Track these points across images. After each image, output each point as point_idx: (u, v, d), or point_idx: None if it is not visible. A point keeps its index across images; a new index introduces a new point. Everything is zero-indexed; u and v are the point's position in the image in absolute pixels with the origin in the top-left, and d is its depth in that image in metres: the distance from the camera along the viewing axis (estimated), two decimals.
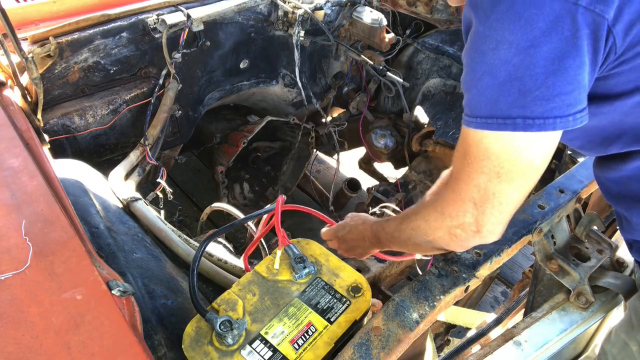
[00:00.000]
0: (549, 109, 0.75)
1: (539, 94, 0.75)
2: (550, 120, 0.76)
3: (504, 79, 0.76)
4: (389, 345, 0.90)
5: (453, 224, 0.91)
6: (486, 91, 0.78)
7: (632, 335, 1.02)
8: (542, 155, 0.81)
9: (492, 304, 2.66)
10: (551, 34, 0.72)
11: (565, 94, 0.75)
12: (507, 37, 0.74)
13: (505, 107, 0.77)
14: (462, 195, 0.87)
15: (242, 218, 1.21)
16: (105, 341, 0.76)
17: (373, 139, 2.67)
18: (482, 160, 0.82)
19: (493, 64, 0.76)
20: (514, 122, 0.76)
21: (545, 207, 1.19)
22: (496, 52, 0.76)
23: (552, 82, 0.74)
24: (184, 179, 3.21)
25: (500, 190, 0.83)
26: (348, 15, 2.51)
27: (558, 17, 0.72)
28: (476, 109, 0.80)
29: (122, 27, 1.96)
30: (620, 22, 0.73)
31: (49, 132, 1.79)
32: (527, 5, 0.72)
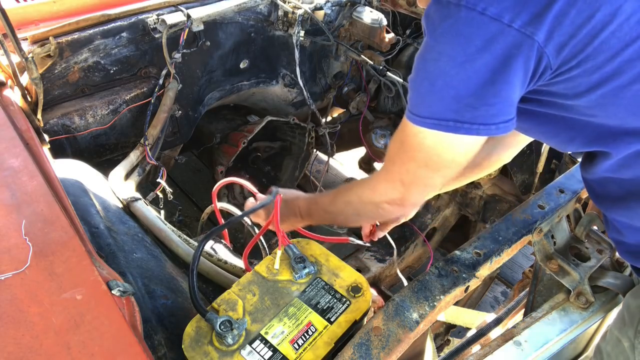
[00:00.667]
0: (475, 117, 0.85)
1: (468, 103, 0.84)
2: (475, 126, 0.86)
3: (440, 87, 0.85)
4: (389, 345, 0.90)
5: (382, 199, 1.05)
6: (425, 95, 0.89)
7: (624, 332, 1.04)
8: (466, 154, 0.93)
9: (492, 304, 2.67)
10: (484, 51, 0.80)
11: (490, 106, 0.84)
12: (447, 50, 0.84)
13: (440, 110, 0.87)
14: (394, 175, 1.02)
15: (238, 215, 1.21)
16: (105, 341, 0.76)
17: (373, 139, 2.67)
18: (416, 151, 0.94)
19: (433, 72, 0.86)
20: (447, 124, 0.87)
21: (545, 207, 1.19)
22: (437, 62, 0.85)
23: (481, 94, 0.83)
24: (184, 179, 3.21)
25: (427, 176, 0.98)
26: (348, 15, 2.51)
27: (493, 37, 0.80)
28: (416, 108, 0.90)
29: (122, 27, 1.96)
30: (551, 42, 0.79)
31: (49, 132, 1.79)
32: (467, 24, 0.81)
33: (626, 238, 1.00)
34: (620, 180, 0.95)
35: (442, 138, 0.89)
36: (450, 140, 0.89)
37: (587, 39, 0.79)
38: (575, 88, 0.86)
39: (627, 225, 0.98)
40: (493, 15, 0.78)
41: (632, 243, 1.00)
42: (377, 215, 1.13)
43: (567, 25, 0.78)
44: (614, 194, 0.98)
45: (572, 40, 0.79)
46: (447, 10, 0.82)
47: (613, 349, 1.08)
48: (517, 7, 0.78)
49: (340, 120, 2.94)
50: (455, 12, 0.81)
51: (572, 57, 0.81)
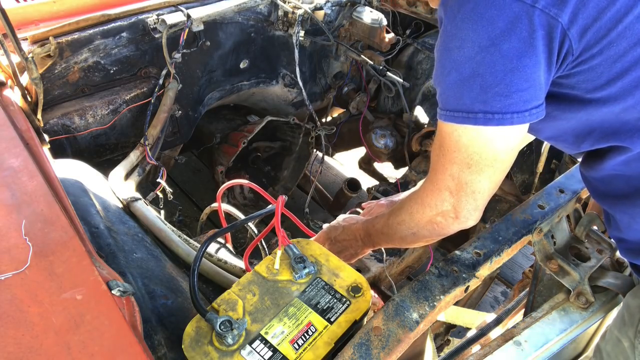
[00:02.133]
0: (507, 105, 0.81)
1: (498, 90, 0.80)
2: (508, 115, 0.81)
3: (468, 75, 0.81)
4: (389, 345, 0.90)
5: (433, 212, 0.99)
6: (453, 86, 0.85)
7: (624, 332, 1.04)
8: (507, 148, 0.88)
9: (492, 304, 2.66)
10: (510, 33, 0.77)
11: (522, 91, 0.80)
12: (470, 35, 0.80)
13: (468, 101, 0.83)
14: (439, 184, 0.95)
15: (243, 219, 1.21)
16: (105, 341, 0.76)
17: (373, 139, 2.67)
18: (454, 151, 0.90)
19: (458, 60, 0.82)
20: (476, 117, 0.83)
21: (545, 207, 1.19)
22: (461, 49, 0.81)
23: (510, 80, 0.79)
24: (184, 179, 3.21)
25: (472, 179, 0.91)
26: (348, 15, 2.51)
27: (516, 18, 0.77)
28: (445, 102, 0.86)
29: (122, 27, 1.96)
30: (574, 25, 0.77)
31: (49, 132, 1.79)
32: (489, 6, 0.78)
33: (627, 236, 1.00)
34: (628, 177, 0.93)
35: (477, 133, 0.85)
36: (486, 135, 0.85)
37: (611, 23, 0.77)
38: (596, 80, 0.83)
39: (628, 223, 0.98)
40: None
41: (633, 240, 1.00)
42: (433, 231, 1.03)
43: (592, 7, 0.76)
44: (619, 191, 0.96)
45: (596, 23, 0.77)
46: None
47: (613, 348, 1.08)
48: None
49: (340, 120, 2.94)
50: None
51: (595, 43, 0.79)
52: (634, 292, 1.06)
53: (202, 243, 1.03)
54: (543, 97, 0.84)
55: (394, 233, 1.10)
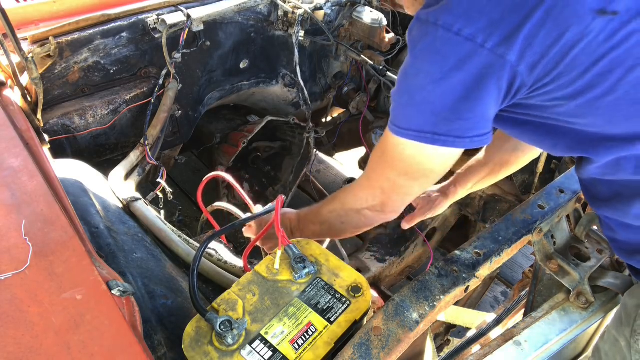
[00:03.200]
0: (451, 130, 0.90)
1: (445, 117, 0.89)
2: (451, 139, 0.91)
3: (419, 101, 0.91)
4: (389, 345, 0.90)
5: (363, 206, 1.10)
6: (405, 108, 0.94)
7: (621, 331, 1.05)
8: (443, 164, 0.99)
9: (492, 304, 2.67)
10: (460, 69, 0.85)
11: (465, 120, 0.89)
12: (425, 67, 0.89)
13: (418, 123, 0.92)
14: (374, 183, 1.07)
15: (243, 219, 1.21)
16: (105, 341, 0.76)
17: (373, 139, 2.67)
18: (396, 160, 0.99)
19: (413, 87, 0.91)
20: (425, 136, 0.91)
21: (545, 207, 1.19)
22: (416, 78, 0.90)
23: (456, 109, 0.88)
24: (184, 179, 3.21)
25: (406, 184, 1.03)
26: (348, 15, 2.51)
27: (467, 56, 0.84)
28: (397, 119, 0.95)
29: (122, 27, 1.96)
30: (523, 62, 0.83)
31: (49, 132, 1.79)
32: (444, 43, 0.85)
33: (618, 235, 1.02)
34: (608, 181, 0.98)
35: (421, 149, 0.94)
36: (428, 152, 0.94)
37: (558, 57, 0.83)
38: (553, 100, 0.90)
39: (618, 223, 1.01)
40: (467, 36, 0.83)
41: (624, 240, 1.02)
42: (359, 222, 1.15)
43: (537, 45, 0.82)
44: (603, 194, 1.01)
45: (544, 59, 0.83)
46: (426, 29, 0.88)
47: (610, 348, 1.09)
48: (489, 29, 0.82)
49: (340, 120, 2.94)
50: (433, 31, 0.86)
51: (545, 75, 0.85)
52: (631, 291, 1.07)
53: (202, 243, 1.03)
54: (488, 128, 0.93)
55: (324, 221, 1.21)
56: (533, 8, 0.81)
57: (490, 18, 0.83)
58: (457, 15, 0.84)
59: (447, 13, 0.85)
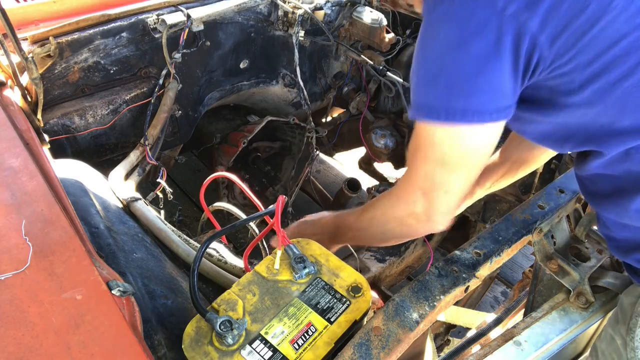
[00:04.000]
0: (469, 104, 0.83)
1: (461, 90, 0.83)
2: (469, 114, 0.84)
3: (435, 72, 0.84)
4: (389, 345, 0.90)
5: (405, 212, 1.00)
6: (421, 82, 0.87)
7: (617, 329, 1.05)
8: (478, 147, 0.90)
9: (492, 304, 2.67)
10: (477, 37, 0.79)
11: (484, 92, 0.83)
12: (442, 34, 0.83)
13: (432, 98, 0.85)
14: (413, 183, 0.97)
15: (243, 219, 1.21)
16: (105, 341, 0.76)
17: (373, 139, 2.67)
18: (427, 148, 0.92)
19: (428, 57, 0.85)
20: (438, 112, 0.85)
21: (545, 207, 1.19)
22: (432, 47, 0.85)
23: (474, 80, 0.82)
24: (184, 179, 3.21)
25: (445, 179, 0.93)
26: (348, 15, 2.51)
27: (486, 22, 0.79)
28: (414, 98, 0.89)
29: (122, 27, 1.96)
30: (545, 32, 0.79)
31: (49, 132, 1.79)
32: (462, 8, 0.80)
33: (614, 234, 1.01)
34: (611, 176, 0.95)
35: (449, 132, 0.88)
36: (457, 133, 0.88)
37: (579, 33, 0.79)
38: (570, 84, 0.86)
39: (614, 221, 0.99)
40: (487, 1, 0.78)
41: (620, 239, 1.01)
42: (402, 232, 1.05)
43: (561, 16, 0.78)
44: (603, 190, 0.99)
45: (565, 32, 0.79)
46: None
47: (607, 346, 1.09)
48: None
49: (340, 120, 2.94)
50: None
51: (565, 51, 0.81)
52: (627, 290, 1.07)
53: (202, 243, 1.03)
54: (507, 102, 0.86)
55: (364, 229, 1.12)
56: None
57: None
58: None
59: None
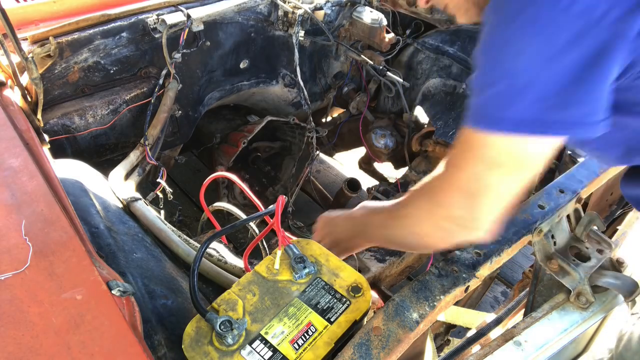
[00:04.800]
0: (568, 115, 0.77)
1: (556, 102, 0.76)
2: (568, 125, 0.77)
3: (524, 84, 0.77)
4: (389, 345, 0.90)
5: (443, 215, 0.89)
6: (503, 95, 0.79)
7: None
8: (543, 156, 0.82)
9: (492, 304, 2.67)
10: (571, 47, 0.73)
11: (582, 104, 0.77)
12: (530, 44, 0.75)
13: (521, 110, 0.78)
14: (456, 184, 0.86)
15: (243, 219, 1.21)
16: (105, 341, 0.76)
17: (373, 139, 2.67)
18: (482, 148, 0.82)
19: (513, 69, 0.78)
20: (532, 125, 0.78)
21: (545, 207, 1.19)
22: (517, 58, 0.77)
23: (570, 92, 0.76)
24: (184, 179, 3.21)
25: (499, 181, 0.83)
26: (348, 15, 2.51)
27: (581, 31, 0.73)
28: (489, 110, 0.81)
29: (122, 27, 1.96)
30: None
31: (49, 132, 1.79)
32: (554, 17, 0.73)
33: None
34: None
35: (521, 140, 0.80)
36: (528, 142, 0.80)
37: None
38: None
39: None
40: (583, 7, 0.72)
41: None
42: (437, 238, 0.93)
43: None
44: None
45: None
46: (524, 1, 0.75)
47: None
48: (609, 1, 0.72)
49: (340, 120, 2.94)
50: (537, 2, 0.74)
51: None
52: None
53: (202, 243, 1.03)
54: (605, 112, 0.79)
55: (395, 228, 1.01)
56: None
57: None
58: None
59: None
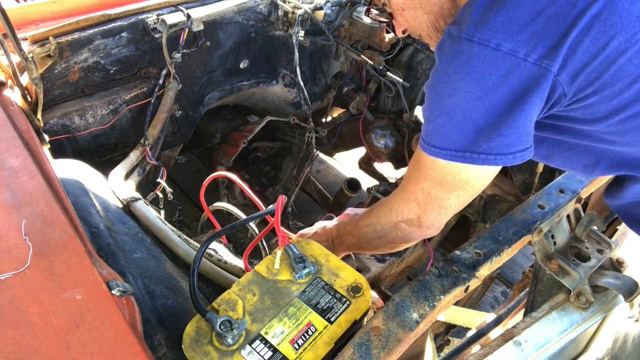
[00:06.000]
0: (492, 147, 0.86)
1: (486, 134, 0.86)
2: (492, 156, 0.87)
3: (458, 120, 0.87)
4: (389, 345, 0.90)
5: (399, 219, 1.07)
6: (441, 128, 0.90)
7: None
8: (482, 181, 0.96)
9: (492, 304, 2.67)
10: (501, 86, 0.81)
11: (506, 136, 0.85)
12: (463, 85, 0.84)
13: (457, 142, 0.88)
14: (409, 195, 1.03)
15: (243, 219, 1.21)
16: (105, 341, 0.76)
17: (373, 139, 2.67)
18: (429, 169, 0.96)
19: (450, 106, 0.87)
20: (463, 155, 0.88)
21: (545, 207, 1.19)
22: (453, 97, 0.86)
23: (497, 125, 0.84)
24: (184, 179, 3.21)
25: (441, 196, 0.98)
26: (348, 15, 2.51)
27: (509, 71, 0.80)
28: (432, 139, 0.92)
29: (122, 27, 1.96)
30: (565, 71, 0.80)
31: (49, 132, 1.79)
32: (482, 60, 0.81)
33: None
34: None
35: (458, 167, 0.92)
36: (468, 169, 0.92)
37: (603, 67, 0.80)
38: (594, 114, 0.86)
39: None
40: (508, 50, 0.79)
41: None
42: (396, 237, 1.11)
43: (581, 54, 0.79)
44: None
45: (587, 68, 0.80)
46: (460, 46, 0.83)
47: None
48: (532, 41, 0.79)
49: (340, 120, 2.94)
50: (468, 48, 0.82)
51: (587, 85, 0.82)
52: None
53: (202, 243, 1.03)
54: (530, 142, 0.89)
55: (362, 235, 1.17)
56: (578, 15, 0.77)
57: (532, 30, 0.79)
58: (494, 29, 0.80)
59: (482, 28, 0.81)
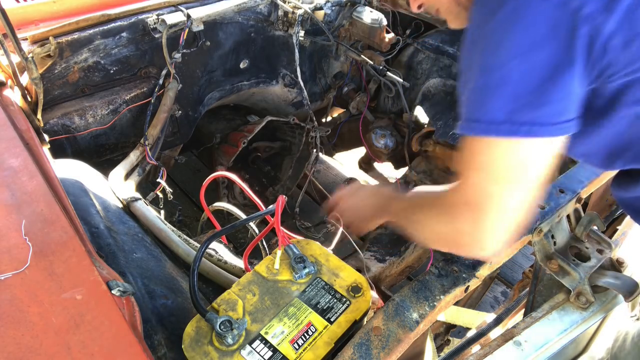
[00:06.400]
0: (537, 117, 0.75)
1: (529, 100, 0.74)
2: (535, 128, 0.75)
3: (497, 81, 0.75)
4: (389, 345, 0.90)
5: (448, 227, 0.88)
6: (478, 92, 0.78)
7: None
8: (537, 163, 0.79)
9: (492, 304, 2.66)
10: (548, 40, 0.72)
11: (554, 103, 0.74)
12: (507, 39, 0.74)
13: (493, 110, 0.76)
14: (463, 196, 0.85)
15: (243, 219, 1.21)
16: (105, 341, 0.76)
17: (373, 139, 2.67)
18: (476, 154, 0.81)
19: (490, 65, 0.76)
20: (498, 127, 0.76)
21: (545, 207, 1.19)
22: (494, 54, 0.75)
23: (544, 90, 0.74)
24: (184, 179, 3.21)
25: (498, 192, 0.80)
26: (348, 15, 2.51)
27: (557, 24, 0.72)
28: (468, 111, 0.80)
29: (122, 27, 1.96)
30: (619, 35, 0.72)
31: (49, 132, 1.79)
32: (531, 10, 0.72)
33: None
34: None
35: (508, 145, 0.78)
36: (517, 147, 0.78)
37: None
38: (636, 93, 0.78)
39: None
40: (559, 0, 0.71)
41: None
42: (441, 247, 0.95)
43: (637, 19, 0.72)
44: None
45: None
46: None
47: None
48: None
49: (340, 120, 2.94)
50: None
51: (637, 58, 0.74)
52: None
53: (202, 243, 1.03)
54: (576, 111, 0.77)
55: (408, 223, 1.02)
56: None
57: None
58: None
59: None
